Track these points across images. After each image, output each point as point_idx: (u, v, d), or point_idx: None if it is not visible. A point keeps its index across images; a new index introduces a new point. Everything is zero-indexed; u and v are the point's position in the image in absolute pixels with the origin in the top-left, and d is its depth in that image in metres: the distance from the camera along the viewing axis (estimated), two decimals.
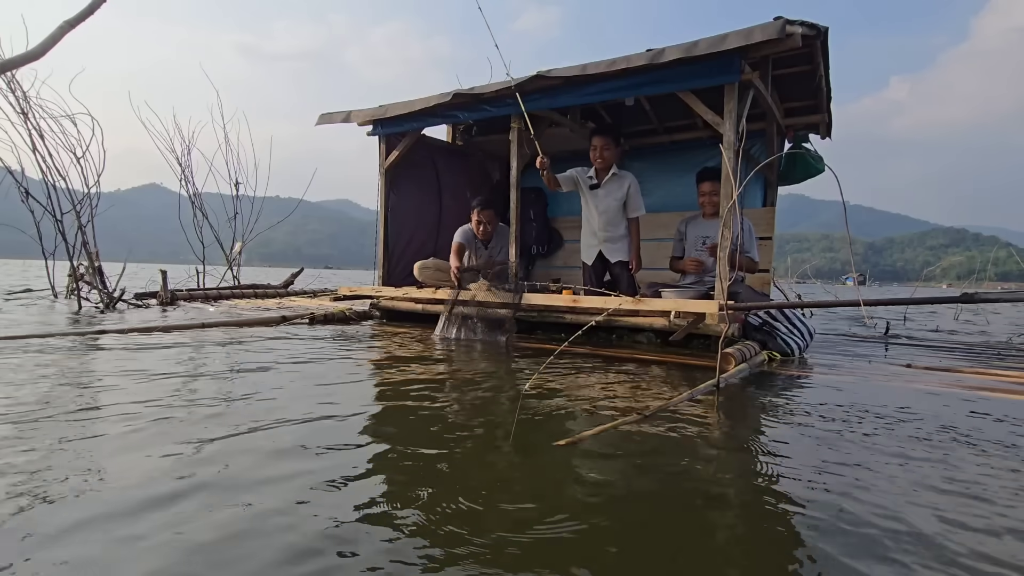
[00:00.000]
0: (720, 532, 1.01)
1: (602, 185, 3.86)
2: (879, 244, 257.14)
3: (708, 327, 3.13)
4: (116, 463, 1.22)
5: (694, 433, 1.57)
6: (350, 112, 4.45)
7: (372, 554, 0.88)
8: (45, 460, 1.22)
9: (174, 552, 0.86)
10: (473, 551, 0.89)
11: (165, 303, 5.47)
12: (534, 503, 1.09)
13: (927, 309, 7.88)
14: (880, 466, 1.35)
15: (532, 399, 1.91)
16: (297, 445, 1.37)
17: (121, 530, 0.92)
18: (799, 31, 2.90)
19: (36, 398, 1.72)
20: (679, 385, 2.24)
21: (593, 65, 3.28)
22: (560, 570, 0.85)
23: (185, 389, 1.91)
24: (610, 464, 1.31)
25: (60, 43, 1.50)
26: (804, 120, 4.45)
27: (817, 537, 0.98)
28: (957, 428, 1.71)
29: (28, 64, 1.38)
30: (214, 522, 0.96)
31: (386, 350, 3.04)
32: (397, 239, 4.80)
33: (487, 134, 5.44)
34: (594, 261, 3.96)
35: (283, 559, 0.85)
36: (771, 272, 4.39)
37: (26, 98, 5.00)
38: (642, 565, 0.88)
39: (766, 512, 1.09)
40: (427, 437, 1.47)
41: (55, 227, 5.19)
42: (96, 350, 2.67)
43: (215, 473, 1.17)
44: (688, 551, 0.93)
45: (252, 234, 7.41)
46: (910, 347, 3.82)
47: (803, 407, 1.95)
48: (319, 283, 9.13)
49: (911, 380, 2.52)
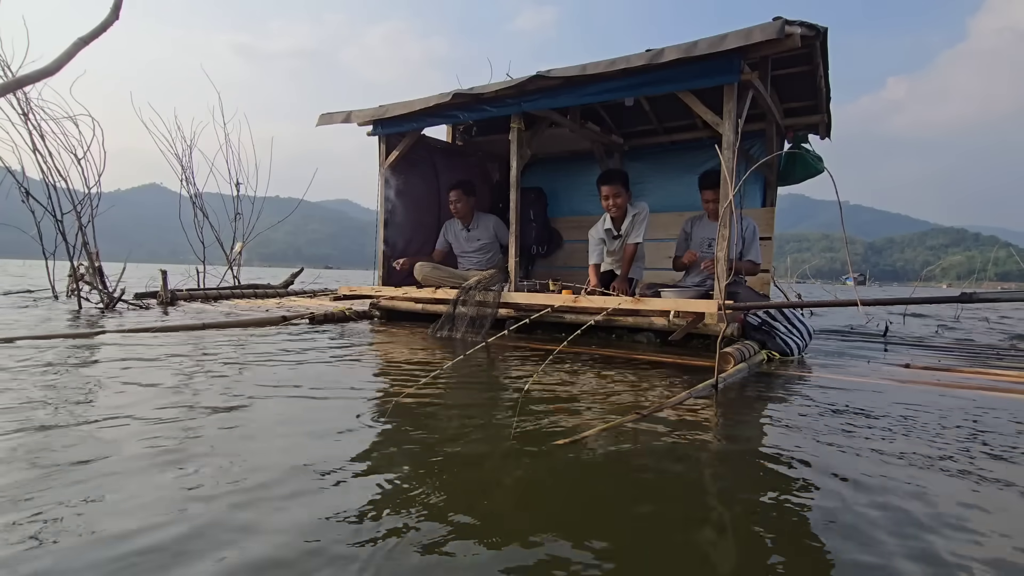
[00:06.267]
0: (720, 532, 1.01)
1: (622, 231, 3.94)
2: (879, 244, 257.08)
3: (707, 327, 3.14)
4: (116, 475, 1.22)
5: (693, 433, 1.58)
6: (350, 112, 4.46)
7: (370, 553, 0.88)
8: (43, 480, 1.22)
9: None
10: (471, 550, 0.90)
11: (165, 303, 5.47)
12: (533, 503, 1.10)
13: (927, 309, 7.87)
14: (880, 466, 1.35)
15: (532, 398, 1.91)
16: (297, 444, 1.37)
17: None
18: (798, 31, 2.91)
19: (34, 400, 1.73)
20: (678, 385, 2.25)
21: (593, 65, 3.28)
22: (560, 569, 0.86)
23: (185, 390, 1.91)
24: (609, 464, 1.32)
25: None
26: (804, 120, 4.45)
27: (818, 538, 0.98)
28: (957, 428, 1.72)
29: (43, 80, 1.39)
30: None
31: (385, 350, 3.05)
32: (397, 239, 4.81)
33: (487, 134, 5.44)
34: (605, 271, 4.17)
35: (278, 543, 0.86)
36: (771, 272, 4.40)
37: (27, 99, 5.01)
38: (642, 565, 0.88)
39: (766, 513, 1.09)
40: (426, 437, 1.48)
41: (55, 227, 5.19)
42: (96, 350, 2.67)
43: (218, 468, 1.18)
44: (688, 551, 0.94)
45: (252, 234, 7.41)
46: (909, 347, 3.82)
47: (802, 407, 1.95)
48: (319, 283, 9.13)
49: (910, 380, 2.53)
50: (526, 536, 0.95)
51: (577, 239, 5.28)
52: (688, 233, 3.85)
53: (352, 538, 0.92)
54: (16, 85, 2.64)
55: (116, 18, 1.35)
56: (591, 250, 4.07)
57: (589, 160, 5.44)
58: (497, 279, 3.90)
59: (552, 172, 5.76)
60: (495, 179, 5.90)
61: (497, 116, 3.91)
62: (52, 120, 5.11)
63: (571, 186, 5.63)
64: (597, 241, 4.04)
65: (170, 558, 0.85)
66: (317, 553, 0.87)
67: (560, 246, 5.60)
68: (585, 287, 3.75)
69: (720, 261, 2.99)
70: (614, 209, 3.88)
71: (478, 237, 4.67)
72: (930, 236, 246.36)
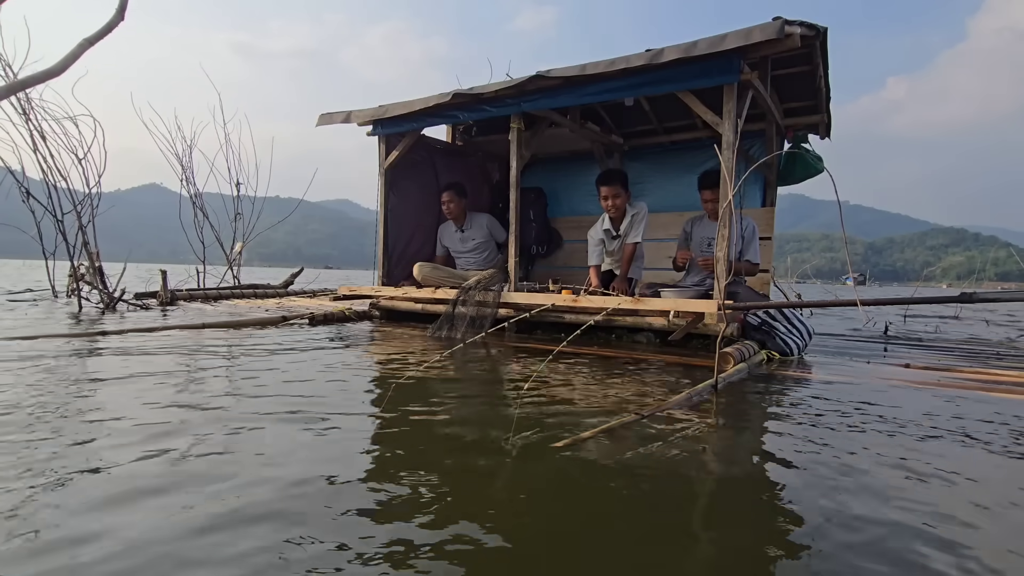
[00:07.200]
0: (720, 534, 1.01)
1: (621, 231, 3.93)
2: (879, 244, 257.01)
3: (707, 327, 3.14)
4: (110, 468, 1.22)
5: (692, 433, 1.58)
6: (350, 112, 4.46)
7: (367, 554, 0.88)
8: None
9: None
10: (470, 552, 0.90)
11: (165, 303, 5.47)
12: (533, 504, 1.10)
13: (929, 309, 7.88)
14: (880, 466, 1.35)
15: (531, 399, 1.91)
16: (295, 444, 1.37)
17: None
18: (798, 31, 2.91)
19: (32, 401, 1.73)
20: (678, 385, 2.25)
21: (592, 65, 3.28)
22: (560, 572, 0.86)
23: (186, 391, 1.91)
24: (608, 465, 1.32)
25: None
26: (803, 120, 4.45)
27: (818, 539, 0.98)
28: (958, 427, 1.72)
29: (48, 81, 1.39)
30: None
31: (384, 349, 3.05)
32: (397, 239, 4.82)
33: (487, 134, 5.44)
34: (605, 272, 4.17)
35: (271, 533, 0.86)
36: (771, 272, 4.40)
37: (28, 99, 5.01)
38: (641, 567, 0.88)
39: (766, 513, 1.10)
40: (425, 436, 1.48)
41: (56, 227, 5.19)
42: (95, 351, 2.67)
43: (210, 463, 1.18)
44: (687, 552, 0.94)
45: (252, 234, 7.42)
46: (909, 347, 3.82)
47: (802, 407, 1.95)
48: (319, 283, 9.13)
49: (910, 380, 2.53)
50: (524, 538, 0.95)
51: (577, 239, 5.27)
52: (688, 233, 3.86)
53: (339, 543, 0.92)
54: (21, 86, 2.65)
55: (121, 19, 1.36)
56: (591, 251, 4.08)
57: (589, 160, 5.44)
58: (497, 279, 3.91)
59: (552, 172, 5.76)
60: (495, 179, 5.90)
61: (497, 116, 3.91)
62: (53, 120, 5.13)
63: (571, 186, 5.63)
64: (596, 242, 4.05)
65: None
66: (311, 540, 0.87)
67: (560, 246, 5.60)
68: (585, 287, 3.75)
69: (720, 261, 2.99)
70: (613, 209, 3.89)
71: (472, 237, 4.70)
72: (930, 236, 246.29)
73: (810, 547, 0.94)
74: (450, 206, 4.62)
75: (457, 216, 4.68)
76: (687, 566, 0.88)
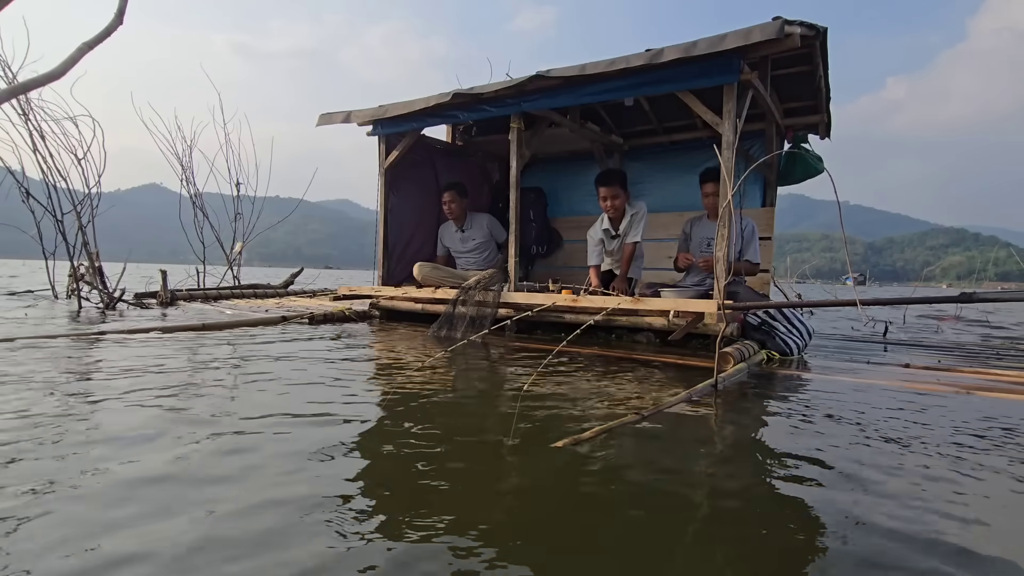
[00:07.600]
0: (719, 534, 1.01)
1: (620, 231, 3.93)
2: (879, 244, 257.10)
3: (707, 327, 3.14)
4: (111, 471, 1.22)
5: (692, 433, 1.58)
6: (350, 112, 4.46)
7: (365, 553, 0.88)
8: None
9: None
10: (470, 552, 0.90)
11: (165, 303, 5.47)
12: (532, 505, 1.10)
13: (928, 310, 7.88)
14: (881, 466, 1.35)
15: (530, 399, 1.91)
16: (295, 443, 1.37)
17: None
18: (798, 31, 2.91)
19: (31, 403, 1.73)
20: (678, 385, 2.25)
21: (592, 65, 3.28)
22: (560, 572, 0.86)
23: (186, 391, 1.91)
24: (608, 465, 1.32)
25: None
26: (803, 120, 4.45)
27: (819, 540, 0.98)
28: (958, 428, 1.72)
29: (48, 84, 1.39)
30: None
31: (384, 349, 3.05)
32: (397, 239, 4.82)
33: (487, 134, 5.44)
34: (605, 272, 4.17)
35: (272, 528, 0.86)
36: (771, 272, 4.40)
37: (27, 100, 5.01)
38: (642, 568, 0.88)
39: (766, 514, 1.10)
40: (424, 436, 1.48)
41: (56, 227, 5.19)
42: (96, 351, 2.67)
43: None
44: (687, 553, 0.94)
45: (252, 234, 7.41)
46: (909, 347, 3.82)
47: (802, 407, 1.95)
48: (319, 283, 9.13)
49: (909, 380, 2.53)
50: (523, 539, 0.95)
51: (577, 239, 5.27)
52: (688, 234, 3.86)
53: (334, 543, 0.92)
54: (21, 90, 2.64)
55: (120, 23, 1.35)
56: (590, 251, 4.08)
57: (589, 160, 5.44)
58: (497, 279, 3.91)
59: (552, 172, 5.76)
60: (495, 179, 5.90)
61: (497, 116, 3.91)
62: (52, 120, 5.13)
63: (571, 186, 5.63)
64: (596, 242, 4.05)
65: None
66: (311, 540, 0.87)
67: (560, 246, 5.60)
68: (585, 287, 3.75)
69: (719, 261, 2.99)
70: (612, 210, 3.89)
71: (473, 237, 4.71)
72: (930, 236, 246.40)
73: (811, 548, 0.94)
74: (451, 206, 4.62)
75: (458, 216, 4.68)
76: (687, 566, 0.88)
